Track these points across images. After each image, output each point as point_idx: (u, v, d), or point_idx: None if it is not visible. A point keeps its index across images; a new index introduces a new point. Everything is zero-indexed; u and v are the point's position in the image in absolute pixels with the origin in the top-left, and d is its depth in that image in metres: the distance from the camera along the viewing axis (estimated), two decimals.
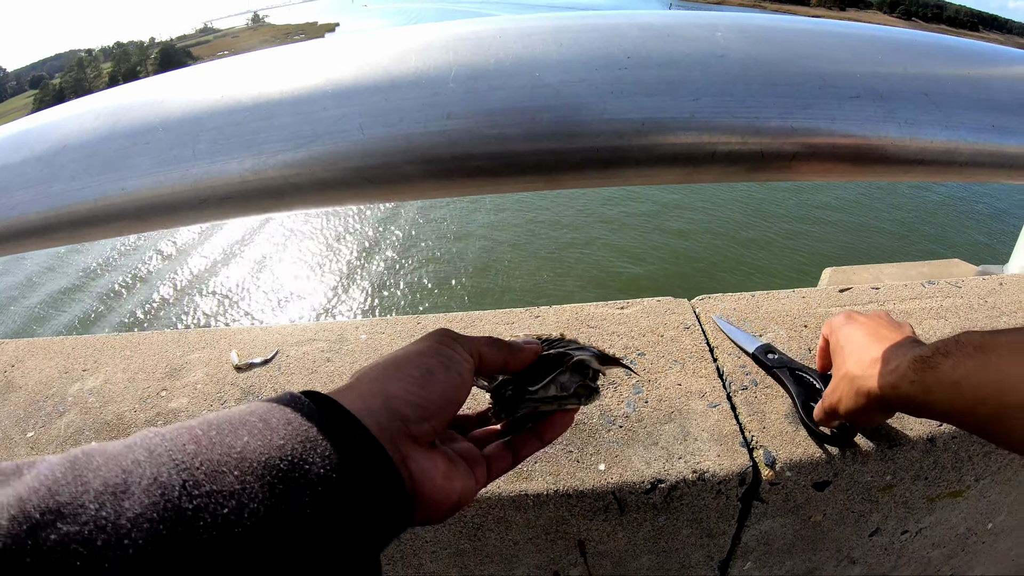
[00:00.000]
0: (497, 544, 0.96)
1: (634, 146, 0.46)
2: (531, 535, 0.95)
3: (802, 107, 0.49)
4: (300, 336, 1.20)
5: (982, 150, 0.57)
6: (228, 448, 0.37)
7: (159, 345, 1.22)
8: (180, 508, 0.33)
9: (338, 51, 0.55)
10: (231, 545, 0.33)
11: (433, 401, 0.48)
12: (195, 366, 1.14)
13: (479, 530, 0.94)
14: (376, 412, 0.45)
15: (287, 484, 0.37)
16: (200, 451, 0.36)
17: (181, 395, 1.07)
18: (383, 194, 0.50)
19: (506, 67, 0.47)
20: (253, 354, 1.15)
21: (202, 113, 0.54)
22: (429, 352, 0.51)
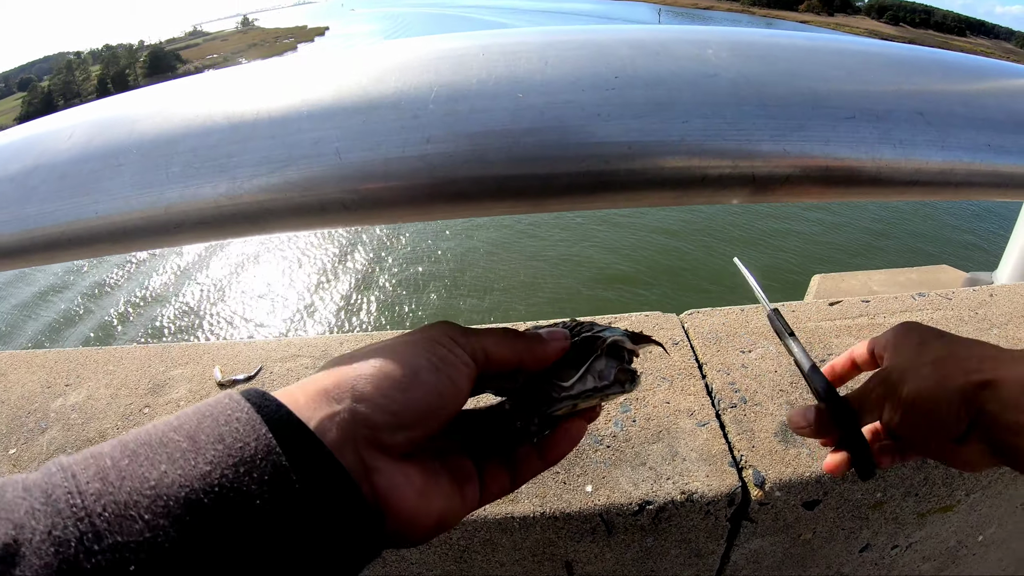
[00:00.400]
0: (484, 567, 0.94)
1: (621, 170, 0.44)
2: (518, 557, 0.93)
3: (795, 129, 0.47)
4: (284, 352, 1.18)
5: (978, 170, 0.56)
6: (141, 482, 0.31)
7: (142, 360, 1.20)
8: (79, 570, 0.28)
9: (316, 69, 0.54)
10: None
11: (413, 408, 0.41)
12: (178, 382, 1.12)
13: (465, 552, 0.92)
14: (339, 416, 0.38)
15: (212, 522, 0.31)
16: (106, 490, 0.31)
17: (163, 412, 1.05)
18: (360, 218, 0.49)
19: (488, 88, 0.46)
20: (236, 370, 1.13)
21: (176, 134, 0.52)
22: (419, 348, 0.43)
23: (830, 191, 0.52)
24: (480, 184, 0.45)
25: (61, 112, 0.61)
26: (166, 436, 0.34)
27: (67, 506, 0.29)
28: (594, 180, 0.45)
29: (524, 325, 0.77)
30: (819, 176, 0.49)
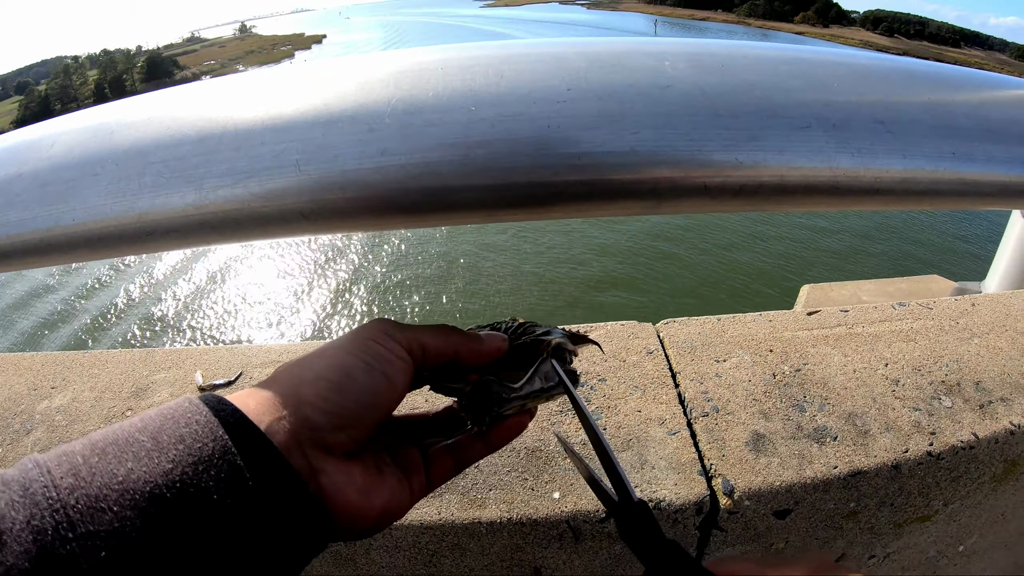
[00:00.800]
0: (453, 571, 0.95)
1: (571, 181, 0.45)
2: (486, 562, 0.93)
3: (748, 139, 0.48)
4: (264, 357, 1.19)
5: (942, 178, 0.56)
6: (110, 477, 0.34)
7: (126, 364, 1.21)
8: (55, 555, 0.30)
9: (283, 83, 0.55)
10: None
11: (349, 408, 0.43)
12: (160, 386, 1.14)
13: (434, 556, 0.92)
14: (286, 420, 0.40)
15: (174, 515, 0.34)
16: (78, 485, 0.33)
17: None
18: (320, 228, 0.50)
19: (443, 101, 0.46)
20: (217, 375, 1.14)
21: (148, 146, 0.54)
22: (352, 349, 0.45)
23: (787, 201, 0.52)
24: (433, 195, 0.45)
25: (46, 121, 0.63)
26: (131, 436, 0.36)
27: (44, 498, 0.32)
28: (544, 191, 0.45)
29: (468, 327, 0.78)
30: (774, 186, 0.50)
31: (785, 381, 1.12)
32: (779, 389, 1.11)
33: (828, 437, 1.01)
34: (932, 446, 1.01)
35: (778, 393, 1.10)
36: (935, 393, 1.11)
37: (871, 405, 1.07)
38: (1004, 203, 0.64)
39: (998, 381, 1.16)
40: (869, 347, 1.22)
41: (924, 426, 1.04)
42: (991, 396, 1.12)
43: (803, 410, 1.06)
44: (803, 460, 0.96)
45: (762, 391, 1.11)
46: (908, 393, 1.11)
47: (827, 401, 1.08)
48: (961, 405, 1.09)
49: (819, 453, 0.98)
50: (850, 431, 1.02)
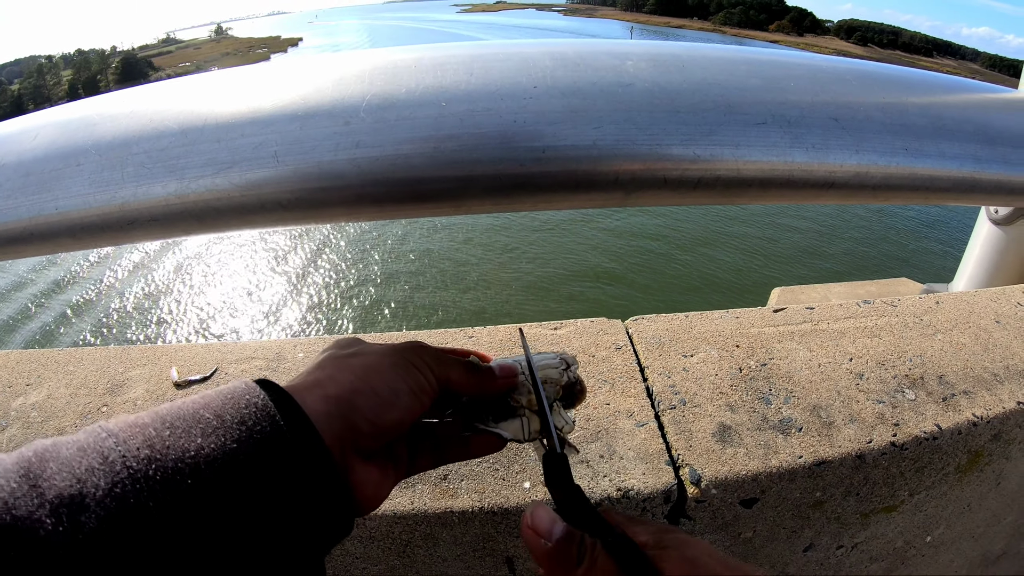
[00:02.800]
0: (426, 560, 0.96)
1: (536, 173, 0.47)
2: (459, 552, 0.95)
3: (705, 134, 0.50)
4: (239, 354, 1.20)
5: (894, 173, 0.59)
6: (182, 451, 0.37)
7: (102, 361, 1.22)
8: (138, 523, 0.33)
9: (263, 78, 0.57)
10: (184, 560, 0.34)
11: (390, 423, 0.49)
12: (136, 382, 1.14)
13: (407, 546, 0.93)
14: (334, 419, 0.46)
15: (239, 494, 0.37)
16: (155, 456, 0.36)
17: (121, 411, 1.06)
18: (298, 218, 0.52)
19: (415, 97, 0.49)
20: (193, 371, 1.15)
21: (131, 137, 0.55)
22: (403, 373, 0.52)
23: (744, 193, 0.55)
24: (405, 186, 0.47)
25: (31, 114, 0.64)
26: (196, 413, 0.40)
27: (123, 467, 0.35)
28: (510, 182, 0.48)
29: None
30: (730, 179, 0.52)
31: (751, 375, 1.15)
32: (745, 383, 1.13)
33: (793, 428, 1.03)
34: (896, 436, 1.03)
35: (744, 386, 1.12)
36: (899, 386, 1.14)
37: (835, 398, 1.10)
38: (958, 198, 0.66)
39: (961, 375, 1.18)
40: (834, 343, 1.25)
41: (888, 418, 1.07)
42: (954, 389, 1.15)
43: (769, 403, 1.08)
44: (769, 450, 0.99)
45: (729, 384, 1.13)
46: (872, 386, 1.13)
47: (792, 394, 1.10)
48: (924, 398, 1.12)
49: (784, 444, 1.00)
50: (815, 422, 1.04)
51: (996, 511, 1.41)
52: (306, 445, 0.42)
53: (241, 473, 0.38)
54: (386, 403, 0.49)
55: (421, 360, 0.54)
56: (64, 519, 0.31)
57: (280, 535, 0.39)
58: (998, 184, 0.64)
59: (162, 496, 0.34)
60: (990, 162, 0.62)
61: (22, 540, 0.29)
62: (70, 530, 0.31)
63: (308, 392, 0.47)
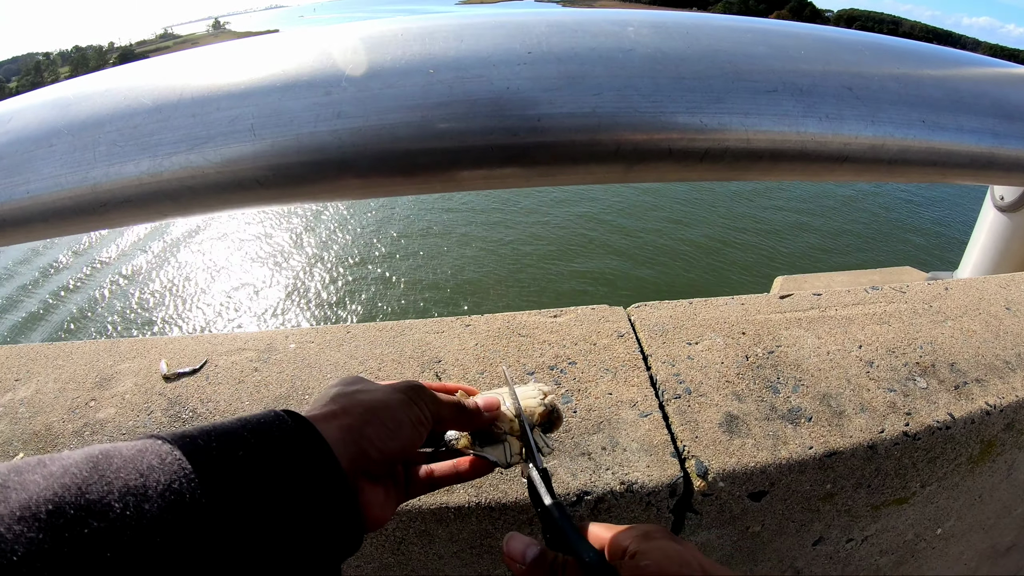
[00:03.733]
0: (421, 558, 0.93)
1: (530, 143, 0.44)
2: (455, 549, 0.92)
3: (713, 101, 0.47)
4: (230, 345, 1.17)
5: (911, 146, 0.56)
6: (229, 459, 0.43)
7: (91, 354, 1.19)
8: (191, 515, 0.38)
9: (243, 52, 0.54)
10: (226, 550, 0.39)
11: (395, 451, 0.56)
12: (125, 376, 1.11)
13: (402, 544, 0.91)
14: (349, 446, 0.52)
15: (271, 503, 0.43)
16: (208, 463, 0.41)
17: (109, 405, 1.04)
18: (278, 197, 0.49)
19: (401, 65, 0.45)
20: (182, 363, 1.11)
21: (104, 116, 0.53)
22: (405, 408, 0.58)
23: (755, 167, 0.51)
24: (390, 158, 0.44)
25: (5, 100, 0.62)
26: (238, 432, 0.46)
27: (179, 468, 0.40)
28: (503, 154, 0.44)
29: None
30: (740, 150, 0.49)
31: (758, 363, 1.11)
32: (752, 371, 1.10)
33: (803, 418, 1.00)
34: (908, 426, 1.00)
35: (751, 375, 1.09)
36: (910, 374, 1.11)
37: (845, 386, 1.07)
38: (974, 176, 0.64)
39: (972, 363, 1.16)
40: (842, 329, 1.22)
41: (899, 407, 1.04)
42: (966, 377, 1.12)
43: (777, 391, 1.05)
44: (778, 441, 0.95)
45: (735, 373, 1.10)
46: (883, 374, 1.10)
47: (801, 382, 1.07)
48: (936, 386, 1.09)
49: (794, 434, 0.97)
50: (825, 412, 1.01)
51: (1007, 502, 1.39)
52: (326, 467, 0.48)
53: (273, 486, 0.44)
54: (392, 433, 0.56)
55: (419, 397, 0.61)
56: (130, 505, 0.36)
57: (303, 543, 0.45)
58: (1016, 160, 0.62)
59: (211, 494, 0.40)
60: (1008, 137, 0.60)
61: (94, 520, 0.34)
62: (135, 515, 0.36)
63: (326, 422, 0.53)
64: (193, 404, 1.02)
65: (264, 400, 1.00)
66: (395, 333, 1.17)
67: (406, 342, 1.14)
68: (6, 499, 0.34)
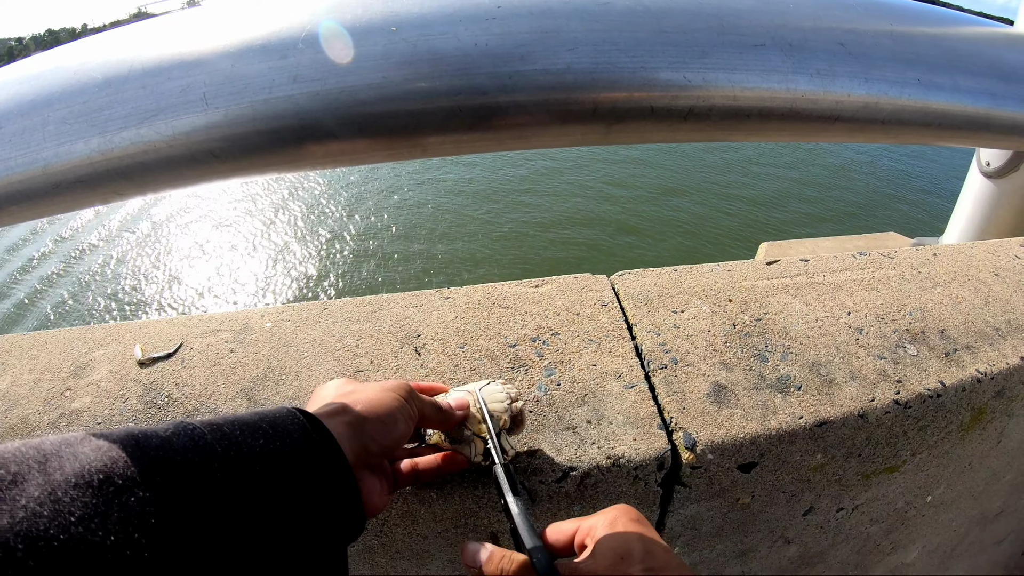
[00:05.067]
0: (406, 539, 0.91)
1: (502, 103, 0.41)
2: (439, 529, 0.90)
3: (697, 56, 0.44)
4: (205, 327, 1.15)
5: (906, 106, 0.54)
6: (250, 447, 0.49)
7: (65, 343, 1.16)
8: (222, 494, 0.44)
9: (197, 18, 0.51)
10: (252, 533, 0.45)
11: (391, 443, 0.64)
12: (99, 363, 1.08)
13: (384, 525, 0.89)
14: (352, 441, 0.59)
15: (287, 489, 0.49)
16: (234, 447, 0.48)
17: (84, 394, 1.02)
18: (236, 170, 0.46)
19: (361, 23, 0.42)
20: (157, 347, 1.09)
21: (54, 94, 0.50)
22: (398, 405, 0.66)
23: (742, 127, 0.49)
24: (352, 123, 0.41)
25: None
26: (256, 424, 0.52)
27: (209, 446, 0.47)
28: (473, 114, 0.41)
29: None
30: (726, 108, 0.47)
31: (746, 331, 1.10)
32: (740, 339, 1.08)
33: (792, 387, 0.99)
34: (899, 395, 0.99)
35: (739, 343, 1.08)
36: (900, 341, 1.10)
37: (835, 354, 1.06)
38: (968, 138, 0.62)
39: (962, 329, 1.15)
40: (831, 296, 1.20)
41: (890, 374, 1.03)
42: (956, 344, 1.11)
43: (765, 360, 1.04)
44: (767, 411, 0.94)
45: (722, 341, 1.08)
46: (872, 341, 1.09)
47: (790, 350, 1.06)
48: (927, 353, 1.08)
49: (783, 403, 0.96)
50: (814, 380, 1.00)
51: (996, 469, 1.39)
52: (335, 460, 0.55)
53: (290, 474, 0.50)
54: (388, 427, 0.64)
55: (410, 396, 0.69)
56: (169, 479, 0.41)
57: (314, 527, 0.50)
58: (1013, 123, 0.60)
59: (237, 477, 0.45)
60: (1006, 99, 0.58)
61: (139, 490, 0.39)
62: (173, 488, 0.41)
63: (331, 418, 0.60)
64: (168, 389, 1.00)
65: (240, 382, 0.98)
66: (373, 308, 1.15)
67: (384, 317, 1.12)
68: (62, 467, 0.38)
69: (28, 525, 0.33)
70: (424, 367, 1.03)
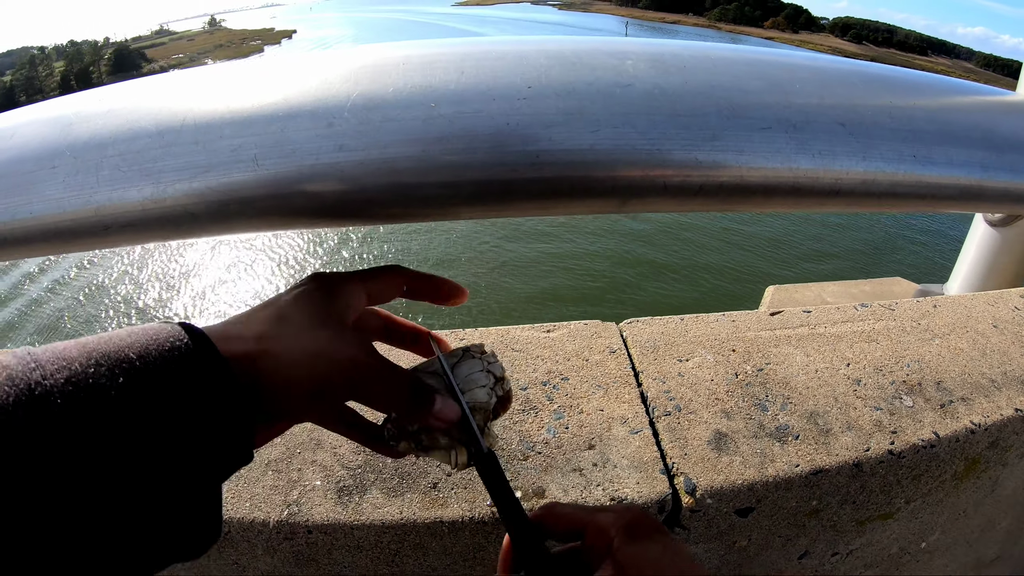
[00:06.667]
0: (415, 570, 0.93)
1: (529, 178, 0.45)
2: (449, 562, 0.92)
3: (708, 139, 0.48)
4: None
5: (902, 180, 0.57)
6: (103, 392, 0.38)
7: None
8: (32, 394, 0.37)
9: (245, 77, 0.54)
10: None
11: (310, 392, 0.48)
12: None
13: (396, 556, 0.91)
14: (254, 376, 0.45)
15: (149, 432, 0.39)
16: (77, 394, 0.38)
17: None
18: (279, 223, 0.50)
19: (403, 97, 0.46)
20: None
21: (107, 138, 0.53)
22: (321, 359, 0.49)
23: (748, 201, 0.52)
24: (390, 191, 0.45)
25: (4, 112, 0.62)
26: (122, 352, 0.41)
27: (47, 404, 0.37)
28: (502, 188, 0.45)
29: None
30: (734, 186, 0.50)
31: (747, 380, 1.12)
32: (741, 388, 1.11)
33: (790, 436, 1.01)
34: (893, 444, 1.01)
35: (740, 392, 1.10)
36: (896, 392, 1.12)
37: (833, 404, 1.08)
38: (963, 206, 0.65)
39: (959, 381, 1.17)
40: (831, 347, 1.23)
41: (885, 425, 1.05)
42: (952, 396, 1.13)
43: (765, 409, 1.06)
44: (765, 459, 0.97)
45: (724, 390, 1.11)
46: (870, 392, 1.11)
47: (789, 400, 1.08)
48: (922, 404, 1.10)
49: (781, 452, 0.98)
50: (812, 430, 1.02)
51: (991, 516, 1.40)
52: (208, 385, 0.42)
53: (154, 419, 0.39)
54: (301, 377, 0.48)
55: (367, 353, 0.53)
56: None
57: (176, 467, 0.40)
58: (1004, 192, 0.63)
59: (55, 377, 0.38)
60: (997, 169, 0.61)
61: None
62: None
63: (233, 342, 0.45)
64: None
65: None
66: (387, 347, 1.17)
67: (399, 353, 1.15)
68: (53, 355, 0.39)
69: None
70: None
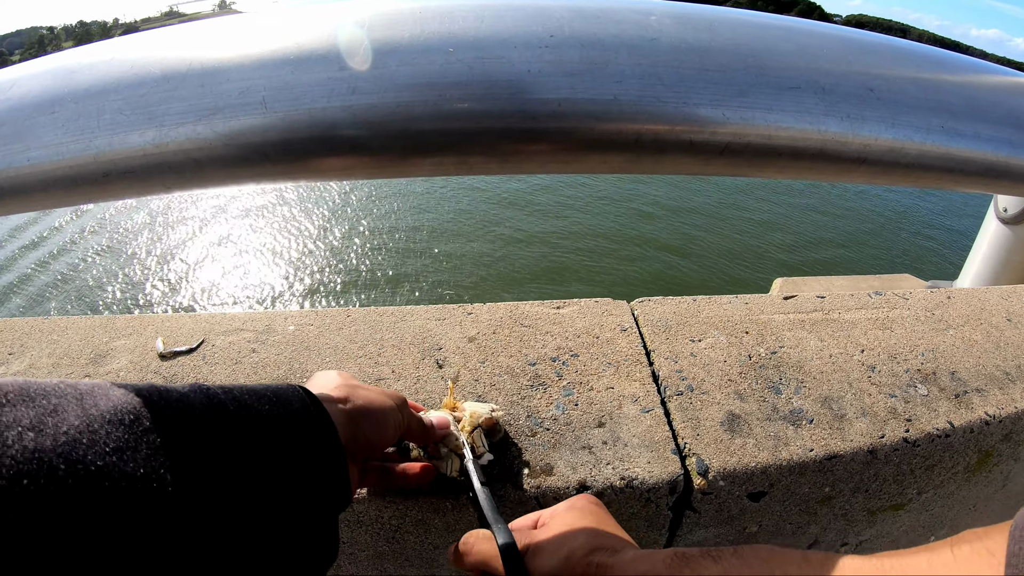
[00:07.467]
0: (416, 547, 0.92)
1: (550, 128, 0.43)
2: (451, 539, 0.90)
3: (736, 95, 0.46)
4: (228, 325, 1.16)
5: (930, 151, 0.55)
6: (256, 411, 0.53)
7: (86, 330, 1.17)
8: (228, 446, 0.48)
9: (255, 24, 0.53)
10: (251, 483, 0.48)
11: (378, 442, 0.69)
12: (120, 353, 1.10)
13: (397, 532, 0.90)
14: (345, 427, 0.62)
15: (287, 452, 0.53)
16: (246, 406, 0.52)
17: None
18: (286, 173, 0.48)
19: (419, 42, 0.44)
20: (179, 342, 1.10)
21: (110, 84, 0.52)
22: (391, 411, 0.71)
23: (773, 164, 0.51)
24: (404, 138, 0.43)
25: (7, 67, 0.61)
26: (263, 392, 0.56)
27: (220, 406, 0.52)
28: (522, 137, 0.43)
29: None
30: (761, 146, 0.48)
31: (761, 363, 1.11)
32: (755, 371, 1.09)
33: (804, 420, 1.00)
34: (908, 432, 1.00)
35: (754, 375, 1.09)
36: (911, 381, 1.11)
37: (847, 390, 1.07)
38: (987, 184, 0.63)
39: (973, 372, 1.16)
40: (845, 333, 1.21)
41: (900, 412, 1.04)
42: (966, 386, 1.12)
43: (779, 392, 1.05)
44: (779, 442, 0.95)
45: (738, 372, 1.09)
46: (884, 379, 1.10)
47: (803, 384, 1.07)
48: (937, 394, 1.09)
49: (795, 436, 0.97)
50: (826, 415, 1.01)
51: (1000, 512, 1.39)
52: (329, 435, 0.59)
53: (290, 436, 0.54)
54: (380, 427, 0.69)
55: (403, 406, 0.75)
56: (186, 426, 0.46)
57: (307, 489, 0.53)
58: None
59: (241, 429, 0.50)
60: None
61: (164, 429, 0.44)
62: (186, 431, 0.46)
63: (330, 403, 0.64)
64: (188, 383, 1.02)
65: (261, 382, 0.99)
66: (396, 319, 1.16)
67: (407, 328, 1.13)
68: (96, 404, 0.42)
69: (68, 449, 0.37)
70: (444, 380, 1.04)
